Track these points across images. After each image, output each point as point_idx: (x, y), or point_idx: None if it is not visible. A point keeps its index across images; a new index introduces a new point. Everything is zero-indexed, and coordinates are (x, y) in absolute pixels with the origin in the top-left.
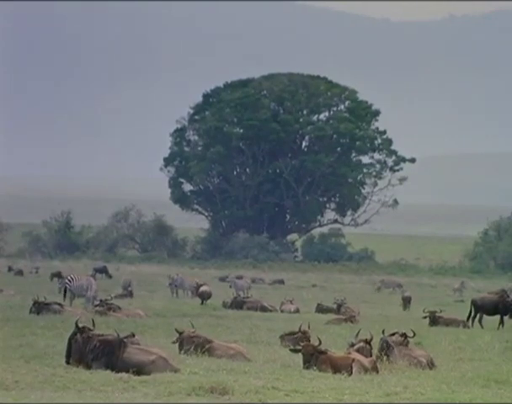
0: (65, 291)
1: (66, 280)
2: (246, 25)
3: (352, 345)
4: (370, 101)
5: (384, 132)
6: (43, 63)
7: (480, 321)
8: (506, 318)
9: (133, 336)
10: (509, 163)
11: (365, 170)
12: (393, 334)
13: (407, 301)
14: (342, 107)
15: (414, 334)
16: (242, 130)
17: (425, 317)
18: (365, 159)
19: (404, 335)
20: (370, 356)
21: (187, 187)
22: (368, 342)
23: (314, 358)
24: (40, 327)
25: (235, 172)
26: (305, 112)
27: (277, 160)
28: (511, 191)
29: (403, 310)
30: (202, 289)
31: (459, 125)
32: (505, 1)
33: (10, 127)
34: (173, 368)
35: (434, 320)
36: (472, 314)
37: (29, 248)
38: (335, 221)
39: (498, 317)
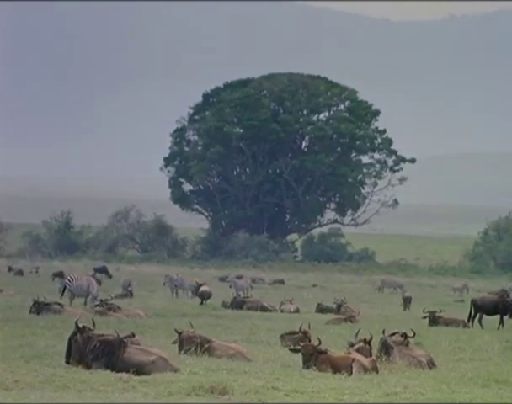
0: (63, 290)
1: (66, 280)
2: (246, 25)
3: (352, 345)
4: (370, 101)
5: (384, 132)
6: (43, 63)
7: (480, 321)
8: (506, 318)
9: (133, 336)
10: (509, 163)
11: (365, 170)
12: (393, 334)
13: (407, 302)
14: (342, 107)
15: (414, 334)
16: (242, 130)
17: (425, 317)
18: (365, 159)
19: (404, 335)
20: (370, 356)
21: (187, 187)
22: (368, 342)
23: (314, 358)
24: (40, 327)
25: (235, 172)
26: (305, 112)
27: (277, 160)
28: (511, 191)
29: (403, 311)
30: (202, 289)
31: (459, 125)
32: (505, 1)
33: (10, 127)
34: (173, 368)
35: (434, 320)
36: (472, 314)
37: (29, 248)
38: (335, 221)
39: (498, 317)
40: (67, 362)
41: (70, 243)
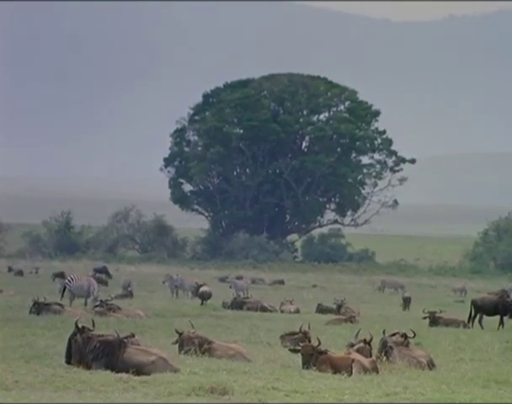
0: (63, 291)
1: (66, 280)
2: (246, 25)
3: (352, 345)
4: (370, 101)
5: (384, 132)
6: (43, 63)
7: (480, 321)
8: (506, 318)
9: (133, 336)
10: (509, 163)
11: (365, 170)
12: (393, 334)
13: (407, 302)
14: (342, 107)
15: (414, 334)
16: (242, 131)
17: (425, 318)
18: (365, 159)
19: (404, 335)
20: (370, 356)
21: (187, 187)
22: (368, 342)
23: (314, 358)
24: (40, 327)
25: (235, 173)
26: (305, 112)
27: (277, 160)
28: (511, 191)
29: (403, 311)
30: (202, 289)
31: (459, 125)
32: (505, 1)
33: (10, 127)
34: (173, 368)
35: (434, 320)
36: (472, 314)
37: (29, 248)
38: (335, 222)
39: (498, 317)
40: (68, 362)
41: (70, 243)
